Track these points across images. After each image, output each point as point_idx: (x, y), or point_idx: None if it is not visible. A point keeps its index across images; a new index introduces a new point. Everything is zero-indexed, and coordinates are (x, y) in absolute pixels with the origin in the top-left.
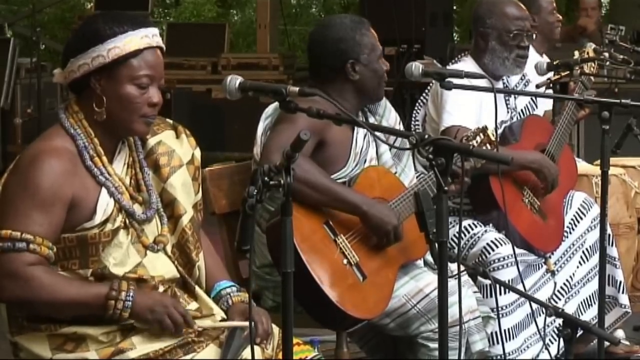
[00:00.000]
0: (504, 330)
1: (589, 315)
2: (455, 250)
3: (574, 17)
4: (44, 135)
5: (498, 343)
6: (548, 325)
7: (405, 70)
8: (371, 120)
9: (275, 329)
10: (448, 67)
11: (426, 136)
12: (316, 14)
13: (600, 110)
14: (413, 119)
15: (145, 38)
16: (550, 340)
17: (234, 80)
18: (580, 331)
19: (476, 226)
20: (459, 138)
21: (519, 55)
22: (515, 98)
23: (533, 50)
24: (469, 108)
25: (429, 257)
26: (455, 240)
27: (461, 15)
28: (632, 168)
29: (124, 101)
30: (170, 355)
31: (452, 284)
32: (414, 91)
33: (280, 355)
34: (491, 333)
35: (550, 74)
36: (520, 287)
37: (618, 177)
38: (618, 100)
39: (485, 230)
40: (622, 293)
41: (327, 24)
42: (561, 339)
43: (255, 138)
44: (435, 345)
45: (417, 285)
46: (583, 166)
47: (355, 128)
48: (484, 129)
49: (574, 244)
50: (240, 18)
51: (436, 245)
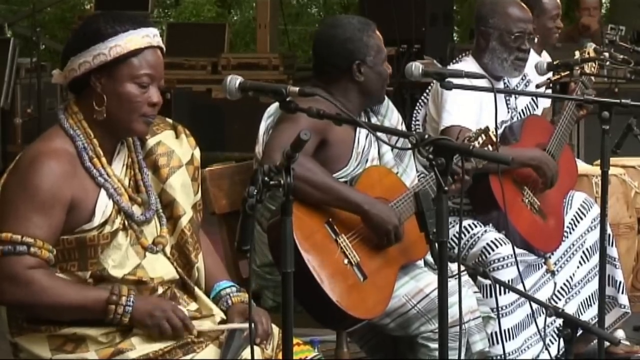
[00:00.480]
0: (504, 331)
1: (589, 315)
2: (456, 250)
3: (574, 17)
4: (44, 136)
5: (498, 343)
6: (548, 326)
7: (406, 70)
8: (373, 120)
9: (275, 329)
10: (449, 67)
11: (426, 136)
12: (316, 14)
13: (600, 110)
14: (413, 119)
15: (146, 37)
16: (550, 340)
17: (234, 80)
18: (580, 331)
19: (476, 226)
20: (461, 139)
21: (518, 58)
22: (515, 98)
23: (532, 50)
24: (468, 108)
25: (429, 257)
26: (455, 240)
27: (461, 15)
28: (632, 168)
29: (124, 100)
30: (169, 356)
31: (452, 284)
32: (414, 91)
33: (280, 355)
34: (491, 333)
35: (550, 74)
36: (520, 287)
37: (618, 177)
38: (618, 100)
39: (485, 230)
40: (622, 293)
41: (335, 23)
42: (561, 339)
43: (257, 137)
44: (435, 345)
45: (418, 285)
46: (582, 166)
47: (358, 128)
48: (485, 130)
49: (574, 244)
50: (239, 18)
51: (436, 245)
